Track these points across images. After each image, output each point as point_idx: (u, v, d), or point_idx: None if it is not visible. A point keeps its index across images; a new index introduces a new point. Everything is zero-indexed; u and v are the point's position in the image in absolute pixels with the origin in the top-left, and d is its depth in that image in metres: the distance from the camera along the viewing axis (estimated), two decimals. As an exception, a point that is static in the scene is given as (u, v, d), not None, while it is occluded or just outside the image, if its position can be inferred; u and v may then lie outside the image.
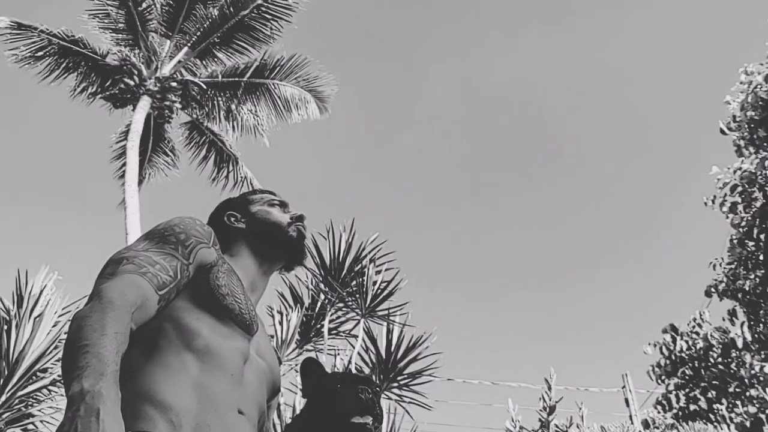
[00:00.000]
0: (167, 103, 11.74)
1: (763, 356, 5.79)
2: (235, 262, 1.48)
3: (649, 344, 8.51)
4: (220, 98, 12.23)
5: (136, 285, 1.16)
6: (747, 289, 5.81)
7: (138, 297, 1.14)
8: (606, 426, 4.89)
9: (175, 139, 13.13)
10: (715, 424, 6.22)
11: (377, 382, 4.95)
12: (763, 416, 5.52)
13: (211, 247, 1.38)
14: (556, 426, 5.07)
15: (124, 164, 10.59)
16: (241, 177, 12.84)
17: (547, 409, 5.11)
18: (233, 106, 12.29)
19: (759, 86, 5.59)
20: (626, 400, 14.27)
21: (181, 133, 13.08)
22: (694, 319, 8.30)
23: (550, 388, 5.09)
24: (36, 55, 11.08)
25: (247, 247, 1.54)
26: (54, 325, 4.13)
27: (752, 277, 5.71)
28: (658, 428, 5.41)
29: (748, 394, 7.31)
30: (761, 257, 5.26)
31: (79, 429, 0.87)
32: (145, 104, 11.15)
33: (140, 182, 12.79)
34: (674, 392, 7.72)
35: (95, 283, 1.16)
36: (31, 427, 3.79)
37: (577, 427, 5.00)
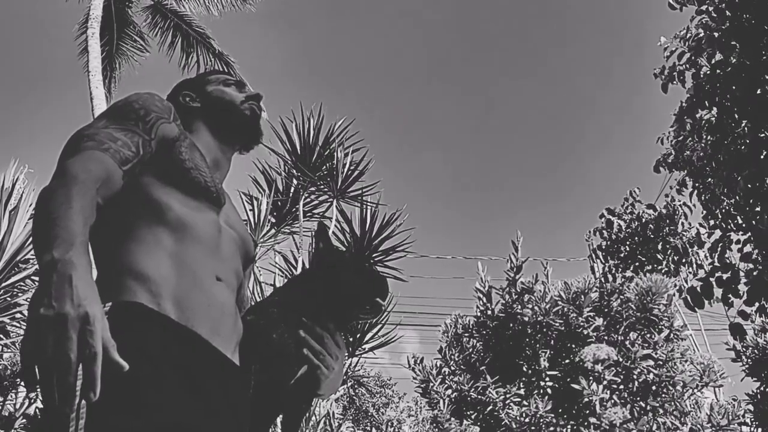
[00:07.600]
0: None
1: (712, 224, 5.94)
2: (196, 139, 1.47)
3: (589, 231, 8.93)
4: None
5: (98, 160, 1.16)
6: (694, 159, 5.90)
7: (102, 172, 1.14)
8: (569, 281, 5.19)
9: (140, 23, 12.55)
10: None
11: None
12: (712, 279, 5.69)
13: (171, 122, 1.38)
14: (522, 283, 5.34)
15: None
16: (211, 58, 12.34)
17: (515, 269, 5.37)
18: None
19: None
20: (591, 268, 14.95)
21: (144, 18, 12.51)
22: (626, 199, 8.65)
23: (517, 249, 5.33)
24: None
25: (205, 126, 1.53)
26: (30, 218, 4.15)
27: (699, 147, 5.76)
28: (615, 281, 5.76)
29: (689, 259, 7.74)
30: (705, 127, 5.28)
31: (54, 295, 0.90)
32: (101, -13, 10.56)
33: (112, 73, 12.37)
34: (612, 273, 8.16)
35: (58, 162, 1.16)
36: (18, 315, 3.93)
37: (543, 284, 5.30)
